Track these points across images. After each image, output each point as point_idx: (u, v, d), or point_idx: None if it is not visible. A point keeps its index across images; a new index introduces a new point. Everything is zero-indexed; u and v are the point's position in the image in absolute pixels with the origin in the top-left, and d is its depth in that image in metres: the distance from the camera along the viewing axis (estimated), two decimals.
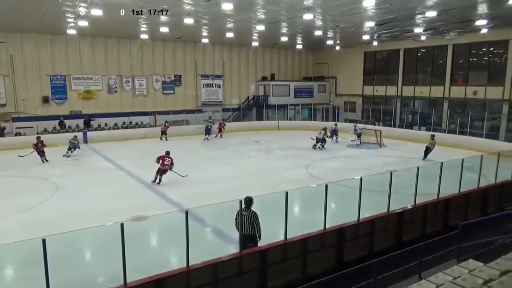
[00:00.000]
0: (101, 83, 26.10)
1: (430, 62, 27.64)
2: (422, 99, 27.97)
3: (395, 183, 8.97)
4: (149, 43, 27.18)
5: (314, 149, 20.78)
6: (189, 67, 29.48)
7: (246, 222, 7.25)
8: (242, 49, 31.68)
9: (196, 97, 30.14)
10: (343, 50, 31.91)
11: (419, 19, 19.27)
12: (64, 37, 23.88)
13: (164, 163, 13.76)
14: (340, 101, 33.74)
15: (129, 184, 14.33)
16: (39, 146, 17.57)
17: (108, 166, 17.22)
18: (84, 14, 16.92)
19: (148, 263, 7.51)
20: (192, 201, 10.70)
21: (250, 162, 18.34)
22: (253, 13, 17.45)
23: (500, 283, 4.85)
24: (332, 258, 8.18)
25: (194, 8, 16.15)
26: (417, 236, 9.23)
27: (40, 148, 17.57)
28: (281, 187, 8.46)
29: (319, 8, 16.53)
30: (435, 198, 10.06)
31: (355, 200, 8.43)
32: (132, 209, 10.80)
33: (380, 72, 30.92)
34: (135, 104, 27.45)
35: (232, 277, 6.84)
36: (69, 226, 9.65)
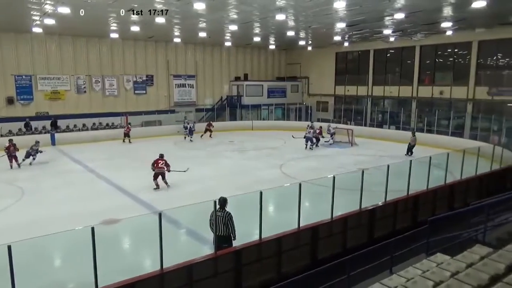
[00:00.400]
0: (69, 83, 25.29)
1: (398, 63, 28.44)
2: (392, 99, 28.72)
3: (366, 181, 9.17)
4: (120, 42, 26.59)
5: (311, 149, 20.86)
6: (161, 67, 29.04)
7: (220, 222, 7.22)
8: (215, 49, 31.52)
9: (168, 97, 29.73)
10: (315, 50, 32.33)
11: (388, 20, 19.78)
12: (30, 36, 22.99)
13: (159, 166, 13.19)
14: (312, 101, 34.16)
15: (100, 186, 13.98)
16: (11, 150, 16.25)
17: (77, 169, 16.72)
18: (50, 12, 16.36)
19: (120, 267, 7.35)
20: (166, 203, 10.57)
21: (224, 163, 18.27)
22: (225, 13, 17.39)
23: (466, 275, 5.04)
24: (307, 256, 8.28)
25: (165, 7, 15.91)
26: (388, 232, 9.48)
27: (13, 152, 16.25)
28: (256, 187, 8.48)
29: (292, 8, 16.67)
30: (405, 194, 10.36)
31: (328, 198, 8.56)
32: (103, 212, 10.54)
33: (351, 72, 31.52)
34: (106, 105, 26.77)
35: (207, 278, 6.80)
36: (37, 232, 9.33)
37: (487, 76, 23.30)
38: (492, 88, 22.78)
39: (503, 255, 5.59)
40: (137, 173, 15.68)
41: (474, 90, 23.62)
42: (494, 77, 23.04)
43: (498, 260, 5.38)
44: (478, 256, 5.91)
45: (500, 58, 23.05)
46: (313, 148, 20.99)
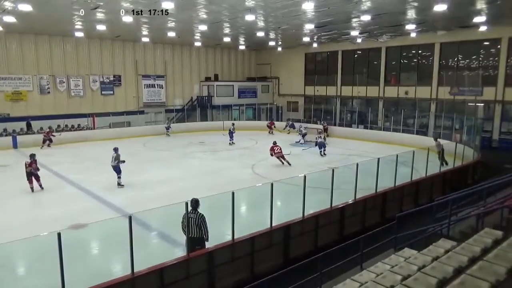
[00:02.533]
0: (31, 83, 24.29)
1: (366, 64, 29.18)
2: (360, 99, 29.42)
3: (337, 180, 9.34)
4: (85, 41, 25.80)
5: (323, 156, 19.46)
6: (129, 67, 28.42)
7: (193, 224, 7.14)
8: (184, 49, 31.18)
9: (137, 98, 29.12)
10: (285, 51, 32.62)
11: (355, 22, 20.25)
12: None
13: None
14: (283, 101, 34.45)
15: (66, 190, 13.50)
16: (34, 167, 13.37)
17: (41, 173, 16.02)
18: (10, 9, 15.65)
19: (90, 273, 7.13)
20: (136, 206, 10.34)
21: (196, 163, 18.11)
22: (194, 12, 17.24)
23: (432, 268, 5.23)
24: (279, 255, 8.34)
25: (132, 5, 15.58)
26: (358, 229, 9.71)
27: (34, 170, 13.39)
28: (228, 188, 8.45)
29: (261, 9, 16.74)
30: (373, 192, 10.63)
31: (300, 197, 8.65)
32: (70, 217, 10.19)
33: (320, 72, 32.02)
34: (71, 106, 25.90)
35: (179, 281, 6.72)
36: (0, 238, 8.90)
37: (449, 76, 24.33)
38: (453, 88, 23.81)
39: (466, 248, 5.84)
40: (105, 176, 15.26)
41: (437, 90, 24.59)
42: (455, 77, 24.08)
43: (462, 253, 5.62)
44: (443, 249, 6.15)
45: (461, 59, 24.12)
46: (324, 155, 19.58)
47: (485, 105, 23.01)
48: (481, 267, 4.93)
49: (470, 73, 23.61)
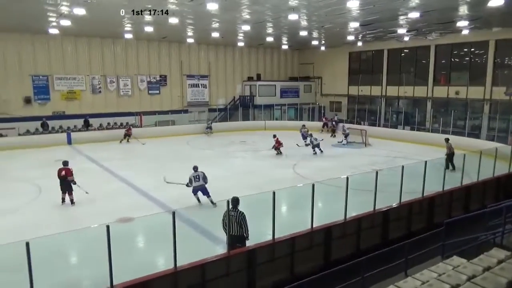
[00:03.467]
0: (84, 83, 25.69)
1: (413, 62, 28.08)
2: (406, 99, 28.38)
3: (380, 182, 9.08)
4: (134, 43, 26.90)
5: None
6: (174, 67, 29.27)
7: (234, 222, 7.24)
8: (228, 49, 31.62)
9: (182, 98, 29.94)
10: (328, 50, 32.16)
11: (402, 20, 19.55)
12: (46, 37, 23.42)
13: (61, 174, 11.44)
14: (325, 101, 34.00)
15: (114, 185, 14.15)
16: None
17: (93, 168, 16.95)
18: (66, 13, 16.64)
19: (135, 265, 7.43)
20: (179, 202, 10.65)
21: (237, 163, 18.31)
22: (238, 13, 17.43)
23: (483, 279, 4.96)
24: (320, 256, 8.24)
25: (178, 8, 16.03)
26: (403, 234, 9.37)
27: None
28: (268, 187, 8.47)
29: (304, 8, 16.61)
30: (420, 196, 10.22)
31: (341, 199, 8.50)
32: (118, 211, 10.67)
33: (365, 72, 31.25)
34: (120, 105, 27.11)
35: (220, 277, 6.82)
36: (53, 229, 9.51)
37: (505, 76, 22.81)
38: (509, 88, 22.31)
39: None
40: (151, 172, 15.84)
41: (491, 90, 23.18)
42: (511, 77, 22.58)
43: None
44: (496, 259, 5.81)
45: None
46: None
47: None
48: None
49: None
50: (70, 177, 11.46)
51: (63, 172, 11.47)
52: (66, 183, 11.46)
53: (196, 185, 11.19)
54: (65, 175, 11.43)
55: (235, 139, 24.57)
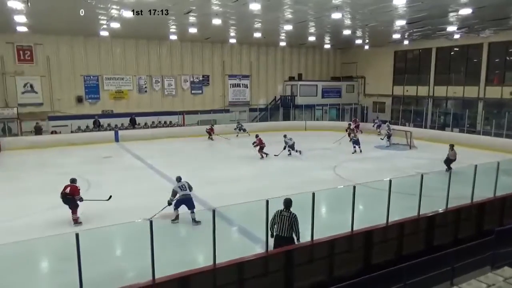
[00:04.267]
0: (132, 83, 26.78)
1: (464, 61, 26.72)
2: (455, 100, 27.06)
3: (426, 186, 8.72)
4: (178, 44, 27.65)
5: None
6: (216, 67, 29.78)
7: (285, 223, 7.23)
8: (269, 49, 31.69)
9: (223, 97, 30.40)
10: (372, 49, 31.34)
11: (452, 17, 18.66)
12: (97, 39, 24.65)
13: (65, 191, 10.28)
14: (368, 101, 33.17)
15: (158, 182, 14.62)
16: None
17: (138, 165, 17.63)
18: (116, 16, 17.40)
19: (175, 260, 7.63)
20: (218, 200, 10.79)
21: (277, 162, 18.29)
22: (280, 13, 17.41)
23: None
24: (360, 260, 8.04)
25: (222, 8, 16.28)
26: (449, 241, 8.94)
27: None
28: (308, 188, 8.38)
29: (348, 7, 16.30)
30: (469, 202, 9.71)
31: (383, 202, 8.25)
32: (161, 207, 11.01)
33: (410, 71, 30.16)
34: (164, 104, 28.00)
35: (258, 276, 6.85)
36: (100, 222, 9.98)
37: None
38: None
39: None
40: (193, 170, 16.21)
41: None
42: None
43: None
44: None
45: None
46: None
47: None
48: None
49: None
50: (77, 195, 10.25)
51: (68, 189, 10.25)
52: (67, 200, 10.20)
53: (182, 193, 10.17)
54: (69, 192, 10.18)
55: (275, 139, 24.51)
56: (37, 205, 11.66)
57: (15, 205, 11.90)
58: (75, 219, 10.21)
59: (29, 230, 9.26)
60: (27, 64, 23.51)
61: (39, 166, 17.28)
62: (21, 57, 23.31)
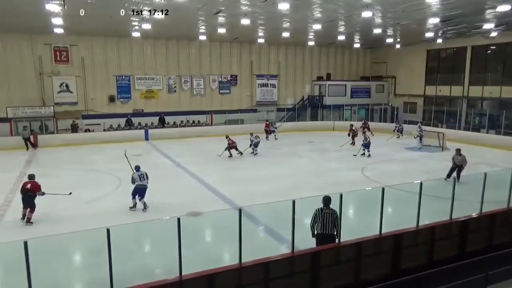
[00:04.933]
0: (161, 83, 27.31)
1: (501, 60, 25.58)
2: (491, 100, 25.97)
3: (459, 190, 8.42)
4: (207, 44, 27.95)
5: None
6: (245, 67, 29.90)
7: (329, 220, 7.26)
8: (297, 48, 31.51)
9: (251, 97, 30.49)
10: (404, 48, 30.53)
11: (489, 14, 17.92)
12: (129, 40, 25.29)
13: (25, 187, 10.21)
14: (399, 102, 32.35)
15: (186, 180, 14.85)
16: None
17: (166, 163, 17.97)
18: (147, 17, 17.78)
19: (202, 257, 7.72)
20: (245, 199, 10.87)
21: (304, 163, 18.17)
22: (309, 12, 17.28)
23: None
24: (388, 264, 7.87)
25: (251, 8, 16.32)
26: (483, 247, 8.60)
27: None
28: (335, 189, 8.28)
29: (379, 5, 15.97)
30: (505, 207, 9.30)
31: (413, 205, 8.04)
32: (188, 205, 11.18)
33: (444, 71, 29.18)
34: (193, 103, 28.38)
35: (283, 277, 6.83)
36: (130, 219, 10.24)
37: None
38: None
39: None
40: (219, 169, 16.39)
41: None
42: None
43: None
44: None
45: None
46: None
47: None
48: None
49: None
50: (39, 191, 10.07)
51: (28, 185, 10.11)
52: (28, 197, 10.03)
53: (141, 184, 10.91)
54: (30, 189, 10.03)
55: (303, 139, 24.39)
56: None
57: None
58: (29, 217, 9.99)
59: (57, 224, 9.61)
60: (63, 64, 24.46)
61: (72, 163, 17.91)
62: (58, 57, 24.27)
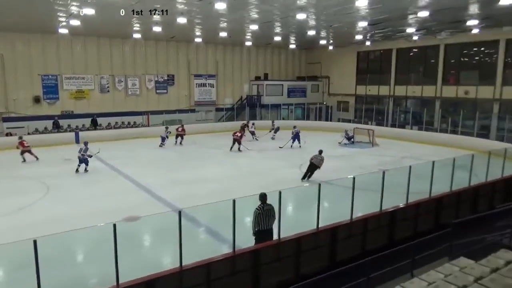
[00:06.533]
0: (93, 82, 25.89)
1: (422, 62, 27.86)
2: (414, 99, 28.16)
3: (387, 182, 9.02)
4: (142, 43, 27.03)
5: None
6: (182, 66, 29.38)
7: (270, 216, 7.43)
8: (235, 48, 31.65)
9: (189, 97, 30.05)
10: (336, 49, 32.03)
11: (411, 19, 19.40)
12: (56, 36, 23.65)
13: None
14: (333, 101, 33.88)
15: (122, 184, 14.25)
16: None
17: (100, 166, 17.08)
18: (76, 13, 16.78)
19: (141, 263, 7.47)
20: (185, 201, 10.64)
21: (243, 162, 18.32)
22: (246, 12, 17.43)
23: (491, 280, 4.91)
24: (325, 257, 8.20)
25: (187, 7, 16.08)
26: (409, 235, 9.29)
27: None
28: (275, 187, 8.45)
29: (312, 7, 16.56)
30: (427, 196, 10.14)
31: (348, 199, 8.46)
32: (125, 209, 10.74)
33: (373, 71, 31.09)
34: (128, 104, 27.28)
35: (225, 277, 6.83)
36: (60, 227, 9.57)
37: None
38: None
39: None
40: (157, 171, 15.96)
41: (501, 90, 22.90)
42: None
43: None
44: (504, 261, 5.74)
45: None
46: None
47: None
48: None
49: None
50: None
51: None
52: None
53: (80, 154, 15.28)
54: None
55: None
56: None
57: None
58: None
59: None
60: None
61: None
62: None
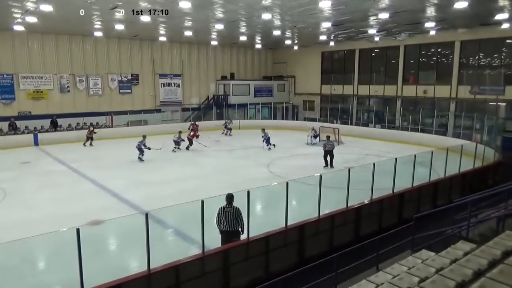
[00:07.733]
0: (52, 82, 24.82)
1: (383, 62, 28.77)
2: (377, 98, 29.05)
3: (353, 180, 9.25)
4: (104, 41, 26.21)
5: None
6: (146, 66, 28.75)
7: (231, 218, 7.33)
8: (201, 48, 31.35)
9: (154, 97, 29.46)
10: (301, 49, 32.46)
11: (372, 20, 19.99)
12: (11, 34, 22.47)
13: None
14: (299, 100, 34.31)
15: (85, 187, 13.75)
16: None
17: (61, 169, 16.42)
18: (32, 10, 16.02)
19: (107, 268, 7.25)
20: (151, 203, 10.46)
21: (211, 162, 18.19)
22: (211, 12, 17.31)
23: (450, 271, 5.13)
24: (294, 254, 8.31)
25: (150, 5, 15.74)
26: (374, 230, 9.60)
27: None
28: (243, 186, 8.45)
29: (277, 8, 16.69)
30: (390, 192, 10.49)
31: (315, 197, 8.61)
32: (88, 213, 10.38)
33: (337, 71, 31.76)
34: (90, 104, 26.37)
35: (194, 278, 6.77)
36: (20, 234, 9.13)
37: (469, 75, 23.78)
38: (474, 87, 23.27)
39: (486, 250, 5.70)
40: (123, 173, 15.56)
41: (457, 89, 24.07)
42: (476, 76, 23.52)
43: (481, 256, 5.49)
44: (462, 252, 6.03)
45: (482, 57, 23.53)
46: None
47: (507, 104, 22.38)
48: (501, 270, 4.81)
49: (491, 72, 23.01)
50: None
51: None
52: None
53: None
54: None
55: (209, 139, 24.36)
56: None
57: None
58: None
59: None
60: None
61: None
62: None
